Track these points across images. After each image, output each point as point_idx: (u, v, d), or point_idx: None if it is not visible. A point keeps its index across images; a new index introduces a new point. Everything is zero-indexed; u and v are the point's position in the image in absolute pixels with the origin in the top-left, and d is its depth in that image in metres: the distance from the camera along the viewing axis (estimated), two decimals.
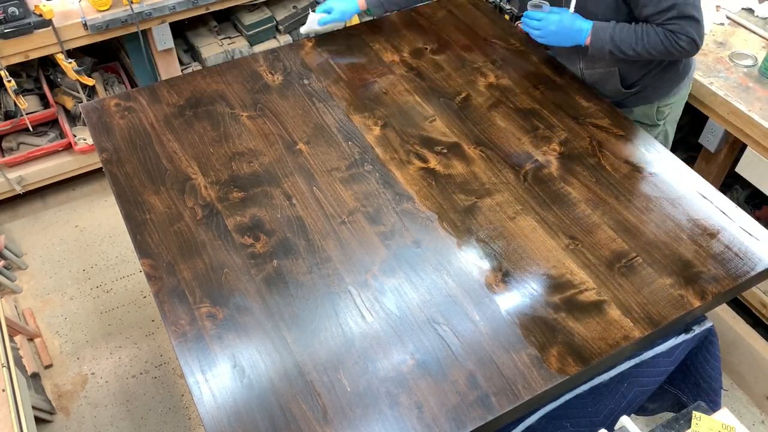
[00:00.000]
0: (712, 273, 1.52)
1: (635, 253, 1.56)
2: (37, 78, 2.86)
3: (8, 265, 2.73)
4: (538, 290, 1.49)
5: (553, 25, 1.79)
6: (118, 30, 2.59)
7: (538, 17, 1.81)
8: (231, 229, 1.62)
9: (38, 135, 2.86)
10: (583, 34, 1.79)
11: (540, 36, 1.83)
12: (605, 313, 1.44)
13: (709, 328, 1.59)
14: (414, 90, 2.02)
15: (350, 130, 1.89)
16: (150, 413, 2.33)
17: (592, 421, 1.58)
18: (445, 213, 1.66)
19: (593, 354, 1.37)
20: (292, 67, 2.11)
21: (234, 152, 1.82)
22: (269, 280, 1.51)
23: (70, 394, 2.38)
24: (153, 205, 1.68)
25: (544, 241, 1.59)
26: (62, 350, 2.50)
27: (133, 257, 2.77)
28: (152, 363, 2.46)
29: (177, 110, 1.95)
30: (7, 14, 2.33)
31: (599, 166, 1.78)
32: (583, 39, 1.80)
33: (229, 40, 3.03)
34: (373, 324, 1.42)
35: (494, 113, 1.94)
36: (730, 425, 1.34)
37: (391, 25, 2.29)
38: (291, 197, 1.70)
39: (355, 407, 1.29)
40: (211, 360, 1.37)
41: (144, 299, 2.66)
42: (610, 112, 1.94)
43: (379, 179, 1.74)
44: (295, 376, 1.34)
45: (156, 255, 1.56)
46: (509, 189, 1.72)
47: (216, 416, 1.28)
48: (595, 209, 1.66)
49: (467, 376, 1.33)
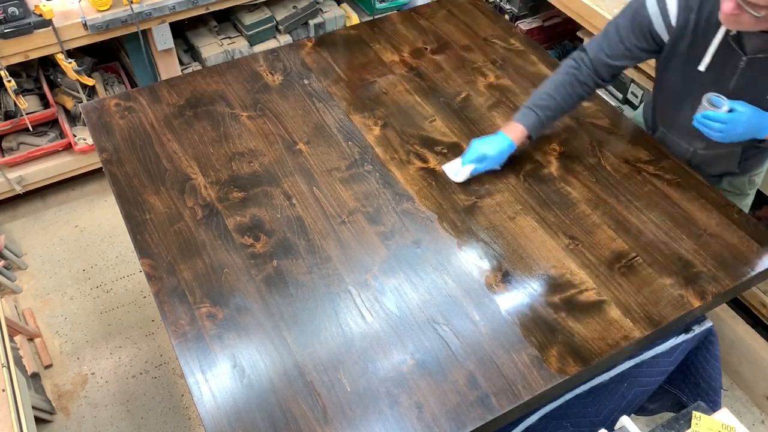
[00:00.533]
0: (712, 273, 1.52)
1: (635, 253, 1.56)
2: (37, 78, 2.86)
3: (8, 265, 2.73)
4: (538, 290, 1.49)
5: (740, 127, 1.52)
6: (118, 30, 2.58)
7: (722, 119, 1.52)
8: (231, 229, 1.62)
9: (38, 135, 2.85)
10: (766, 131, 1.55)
11: (722, 138, 1.54)
12: (605, 313, 1.44)
13: (709, 328, 1.59)
14: (414, 90, 2.02)
15: (350, 130, 1.89)
16: (150, 413, 2.33)
17: (592, 421, 1.58)
18: (445, 213, 1.66)
19: (593, 354, 1.37)
20: (292, 67, 2.11)
21: (234, 152, 1.82)
22: (269, 280, 1.51)
23: (70, 394, 2.38)
24: (153, 205, 1.68)
25: (544, 241, 1.59)
26: (62, 350, 2.50)
27: (133, 257, 2.77)
28: (152, 363, 2.46)
29: (177, 110, 1.95)
30: (7, 14, 2.33)
31: (599, 166, 1.78)
32: (765, 133, 1.56)
33: (229, 40, 3.03)
34: (373, 324, 1.42)
35: (494, 113, 1.94)
36: (730, 425, 1.34)
37: (391, 25, 2.29)
38: (291, 197, 1.70)
39: (355, 407, 1.29)
40: (211, 360, 1.37)
41: (144, 299, 2.66)
42: (610, 112, 1.94)
43: (379, 179, 1.74)
44: (295, 376, 1.34)
45: (156, 255, 1.56)
46: (509, 189, 1.72)
47: (216, 416, 1.28)
48: (595, 209, 1.66)
49: (467, 376, 1.33)
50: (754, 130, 1.54)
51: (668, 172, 1.75)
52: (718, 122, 1.52)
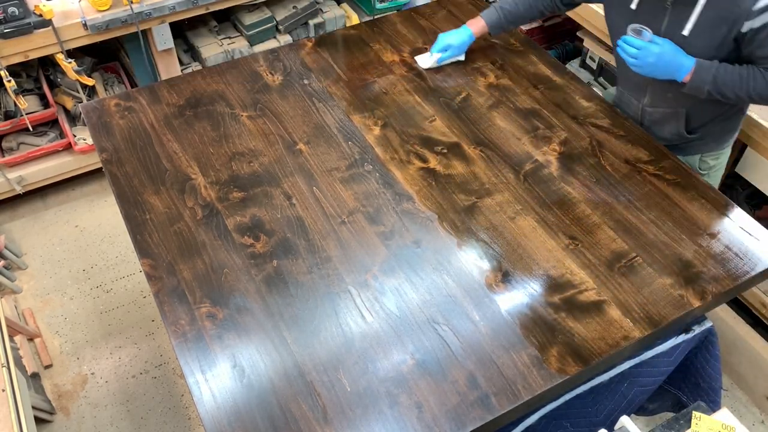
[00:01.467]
0: (712, 273, 1.52)
1: (635, 253, 1.56)
2: (37, 78, 2.86)
3: (8, 265, 2.73)
4: (538, 290, 1.49)
5: (652, 57, 1.62)
6: (118, 30, 2.59)
7: (637, 45, 1.63)
8: (231, 229, 1.62)
9: (38, 135, 2.86)
10: (683, 71, 1.63)
11: (635, 65, 1.66)
12: (605, 313, 1.44)
13: (709, 328, 1.59)
14: (414, 90, 2.02)
15: (350, 130, 1.89)
16: (150, 413, 2.33)
17: (592, 421, 1.58)
18: (445, 213, 1.66)
19: (593, 354, 1.37)
20: (292, 67, 2.11)
21: (234, 152, 1.82)
22: (269, 280, 1.51)
23: (70, 394, 2.38)
24: (153, 205, 1.68)
25: (544, 241, 1.59)
26: (62, 350, 2.50)
27: (133, 257, 2.77)
28: (152, 363, 2.46)
29: (177, 110, 1.95)
30: (7, 14, 2.33)
31: (599, 166, 1.78)
32: (682, 75, 1.64)
33: (229, 40, 3.03)
34: (373, 324, 1.42)
35: (494, 113, 1.94)
36: (730, 425, 1.34)
37: (391, 25, 2.30)
38: (291, 197, 1.70)
39: (355, 407, 1.29)
40: (211, 360, 1.37)
41: (144, 299, 2.66)
42: (610, 112, 1.94)
43: (379, 179, 1.74)
44: (295, 376, 1.34)
45: (156, 255, 1.56)
46: (509, 189, 1.72)
47: (216, 416, 1.28)
48: (595, 209, 1.66)
49: (467, 376, 1.33)
50: (669, 67, 1.64)
51: (668, 172, 1.75)
52: (633, 47, 1.64)
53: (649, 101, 1.88)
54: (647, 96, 1.87)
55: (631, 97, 1.94)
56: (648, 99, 1.88)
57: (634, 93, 1.92)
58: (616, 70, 2.03)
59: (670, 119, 1.86)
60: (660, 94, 1.83)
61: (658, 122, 1.90)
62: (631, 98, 1.94)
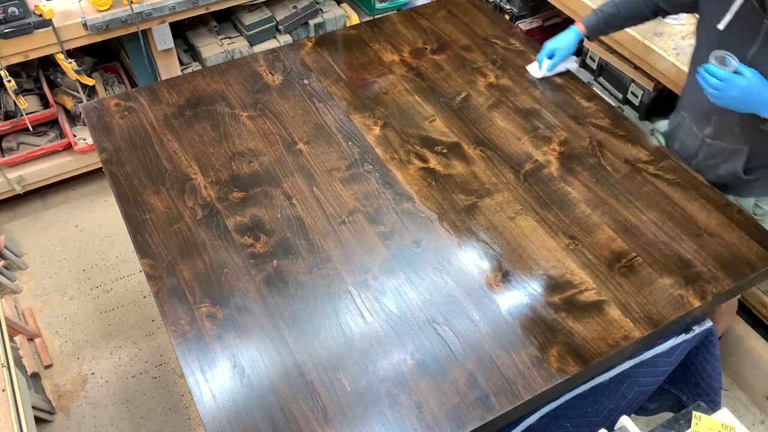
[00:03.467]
0: (712, 273, 1.52)
1: (635, 253, 1.56)
2: (37, 78, 2.86)
3: (8, 265, 2.73)
4: (538, 290, 1.49)
5: (736, 91, 1.46)
6: (118, 30, 2.59)
7: (720, 76, 1.47)
8: (231, 229, 1.62)
9: (38, 135, 2.85)
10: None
11: (716, 96, 1.51)
12: (605, 313, 1.44)
13: (708, 328, 1.59)
14: (414, 90, 2.02)
15: (350, 130, 1.89)
16: (150, 413, 2.33)
17: (592, 421, 1.58)
18: (445, 213, 1.66)
19: (593, 354, 1.37)
20: (292, 67, 2.11)
21: (234, 152, 1.82)
22: (269, 280, 1.51)
23: (70, 394, 2.38)
24: (153, 205, 1.68)
25: (544, 241, 1.59)
26: (62, 350, 2.50)
27: (133, 257, 2.77)
28: (152, 363, 2.46)
29: (177, 110, 1.95)
30: (7, 14, 2.33)
31: (599, 166, 1.78)
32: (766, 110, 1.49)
33: (229, 40, 3.03)
34: (373, 324, 1.42)
35: (494, 113, 1.94)
36: (730, 425, 1.34)
37: (391, 25, 2.30)
38: (291, 197, 1.70)
39: (355, 407, 1.29)
40: (211, 360, 1.37)
41: (144, 299, 2.66)
42: (610, 112, 1.94)
43: (379, 179, 1.74)
44: (295, 376, 1.34)
45: (156, 255, 1.56)
46: (509, 189, 1.72)
47: (216, 416, 1.28)
48: (595, 209, 1.66)
49: (467, 376, 1.33)
50: (753, 101, 1.47)
51: (668, 172, 1.75)
52: (716, 78, 1.48)
53: (711, 132, 1.73)
54: (711, 126, 1.72)
55: (693, 125, 1.78)
56: (711, 130, 1.73)
57: (696, 121, 1.77)
58: (683, 89, 1.88)
59: (730, 156, 1.72)
60: (726, 126, 1.67)
61: (716, 157, 1.75)
62: (693, 126, 1.79)
